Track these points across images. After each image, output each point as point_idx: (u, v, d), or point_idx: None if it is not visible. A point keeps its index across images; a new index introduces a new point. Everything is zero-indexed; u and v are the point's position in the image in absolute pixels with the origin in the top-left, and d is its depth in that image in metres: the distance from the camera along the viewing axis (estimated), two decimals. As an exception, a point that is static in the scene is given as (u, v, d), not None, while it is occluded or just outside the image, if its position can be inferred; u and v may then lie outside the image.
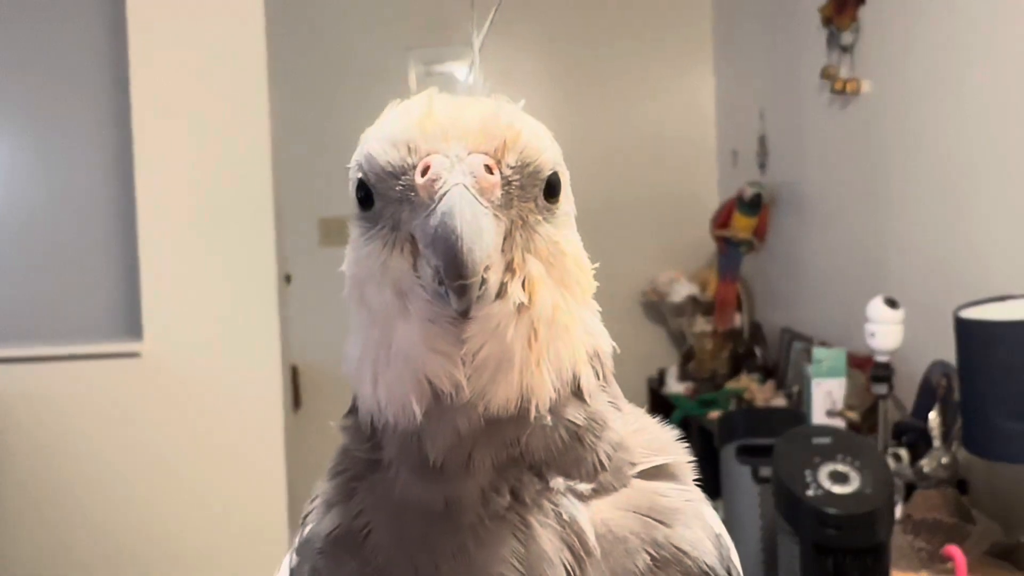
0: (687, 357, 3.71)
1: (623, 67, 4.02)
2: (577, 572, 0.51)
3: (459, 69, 3.98)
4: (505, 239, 0.48)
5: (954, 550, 1.46)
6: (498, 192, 0.47)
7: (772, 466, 1.49)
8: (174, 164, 2.82)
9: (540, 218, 0.50)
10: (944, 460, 1.84)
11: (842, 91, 2.66)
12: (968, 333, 1.56)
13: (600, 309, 0.56)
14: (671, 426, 0.60)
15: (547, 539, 0.51)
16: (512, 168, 0.48)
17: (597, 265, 0.56)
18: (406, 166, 0.47)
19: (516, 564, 0.50)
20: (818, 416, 2.20)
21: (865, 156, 2.63)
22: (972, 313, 1.59)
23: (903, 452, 1.95)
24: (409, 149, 0.48)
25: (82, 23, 3.03)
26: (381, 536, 0.52)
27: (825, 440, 1.46)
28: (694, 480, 0.59)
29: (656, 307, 4.02)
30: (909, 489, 1.84)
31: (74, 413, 2.85)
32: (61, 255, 3.08)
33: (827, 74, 2.73)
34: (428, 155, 0.47)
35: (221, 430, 2.85)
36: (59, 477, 2.85)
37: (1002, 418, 1.47)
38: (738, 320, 3.66)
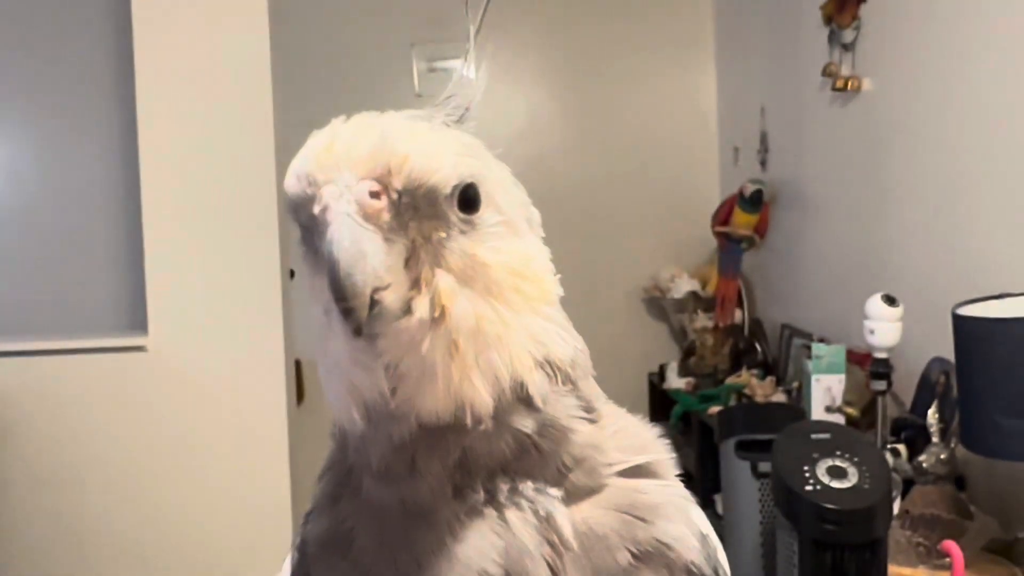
0: (688, 353, 3.73)
1: (624, 64, 4.03)
2: (558, 566, 0.52)
3: (461, 65, 3.98)
4: (409, 258, 0.49)
5: (952, 546, 1.47)
6: (386, 216, 0.49)
7: (771, 461, 1.51)
8: (179, 159, 2.83)
9: (452, 233, 0.51)
10: (942, 456, 1.86)
11: (843, 89, 2.67)
12: (966, 330, 1.57)
13: (601, 307, 0.57)
14: (654, 424, 0.61)
15: (526, 533, 0.52)
16: (400, 191, 0.49)
17: (559, 276, 0.57)
18: (308, 197, 0.50)
19: (496, 558, 0.51)
20: (817, 412, 2.21)
21: (865, 154, 2.64)
22: (970, 310, 1.60)
23: (901, 448, 1.97)
24: (309, 181, 0.50)
25: (88, 18, 3.04)
26: (364, 538, 0.54)
27: (824, 436, 1.48)
28: (678, 477, 0.59)
29: (657, 303, 4.03)
30: (907, 485, 1.86)
31: (80, 407, 2.86)
32: (67, 249, 3.09)
33: (828, 72, 2.74)
34: (323, 185, 0.49)
35: (225, 423, 2.87)
36: (65, 470, 2.87)
37: (1000, 415, 1.49)
38: (738, 316, 3.68)
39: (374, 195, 0.49)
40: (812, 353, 2.30)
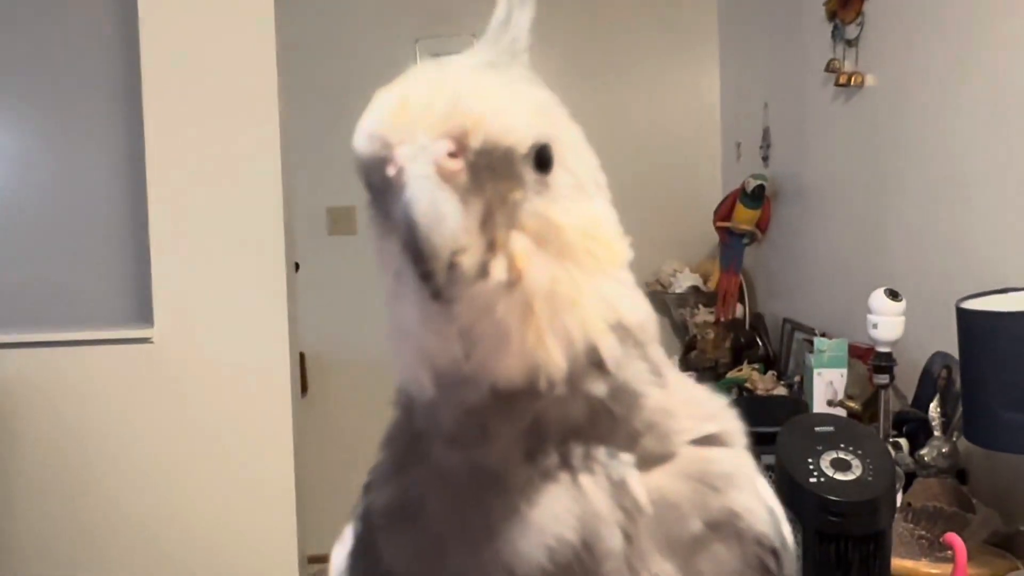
0: (689, 347, 3.74)
1: (627, 59, 4.04)
2: (631, 532, 0.51)
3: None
4: (484, 219, 0.48)
5: (954, 538, 1.48)
6: (463, 176, 0.47)
7: (775, 454, 1.52)
8: (185, 152, 2.84)
9: (528, 194, 0.50)
10: (944, 450, 1.87)
11: (846, 84, 2.68)
12: (969, 324, 1.58)
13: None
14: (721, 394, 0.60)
15: (600, 499, 0.51)
16: (478, 152, 0.48)
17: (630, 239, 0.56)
18: (380, 159, 0.48)
19: (572, 522, 0.50)
20: (819, 406, 2.23)
21: (868, 149, 2.65)
22: (974, 304, 1.61)
23: (903, 442, 1.98)
24: (382, 142, 0.48)
25: (94, 11, 3.05)
26: (434, 504, 0.53)
27: (828, 429, 1.48)
28: (746, 448, 0.58)
29: (659, 297, 4.04)
30: (909, 478, 1.87)
31: (85, 398, 2.88)
32: (73, 241, 3.10)
33: (831, 67, 2.75)
34: (398, 146, 0.47)
35: (230, 415, 2.89)
36: (69, 461, 2.88)
37: (1003, 408, 1.50)
38: (740, 311, 3.69)
39: (451, 156, 0.47)
40: (814, 347, 2.31)
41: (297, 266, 3.13)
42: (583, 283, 0.51)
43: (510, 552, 0.50)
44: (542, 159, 0.51)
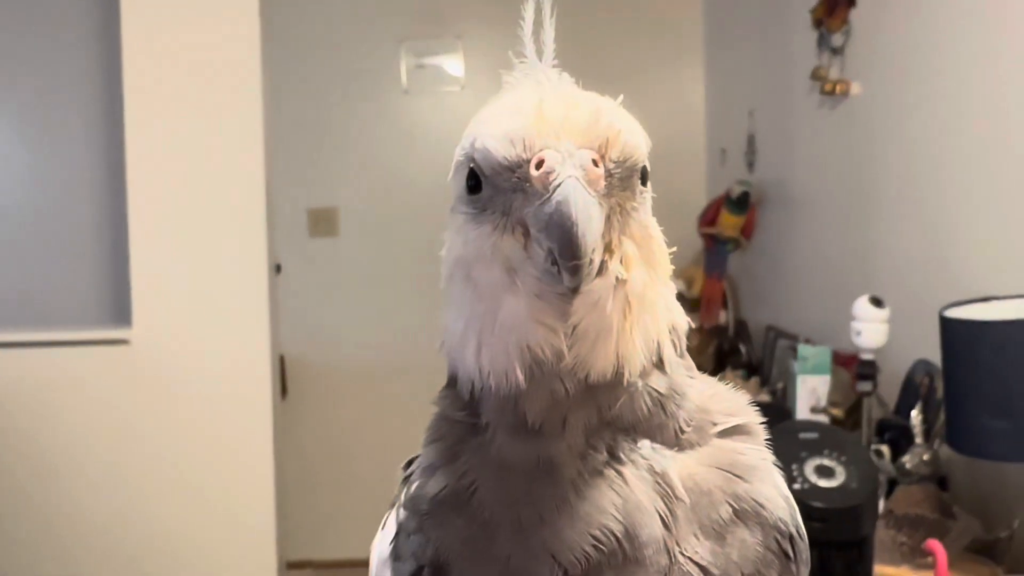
0: (672, 353, 3.74)
1: (613, 64, 4.04)
2: (670, 520, 0.57)
3: (449, 62, 3.99)
4: (606, 223, 0.53)
5: (935, 545, 1.49)
6: (602, 183, 0.53)
7: (759, 460, 1.51)
8: (165, 152, 2.82)
9: (637, 205, 0.57)
10: (926, 457, 1.88)
11: (832, 92, 2.68)
12: (952, 332, 1.59)
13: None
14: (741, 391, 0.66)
15: (642, 490, 0.56)
16: (614, 162, 0.54)
17: (675, 249, 0.61)
18: (521, 160, 0.53)
19: (615, 513, 0.55)
20: (802, 412, 2.23)
21: (853, 157, 2.66)
22: (956, 313, 1.62)
23: (885, 449, 1.99)
24: (524, 145, 0.53)
25: (75, 7, 3.02)
26: (486, 494, 0.57)
27: (812, 435, 1.49)
28: (766, 440, 0.64)
29: (642, 303, 4.04)
30: (891, 485, 1.87)
31: (62, 399, 2.84)
32: (51, 241, 3.07)
33: (817, 75, 2.76)
34: (541, 150, 0.53)
35: (210, 418, 2.86)
36: (45, 463, 2.85)
37: (984, 416, 1.51)
38: (723, 317, 3.69)
39: (594, 163, 0.53)
40: (798, 354, 2.31)
41: (279, 268, 3.10)
42: (660, 288, 0.57)
43: (557, 540, 0.55)
44: (644, 175, 0.58)
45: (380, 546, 0.64)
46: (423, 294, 3.46)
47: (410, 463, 0.65)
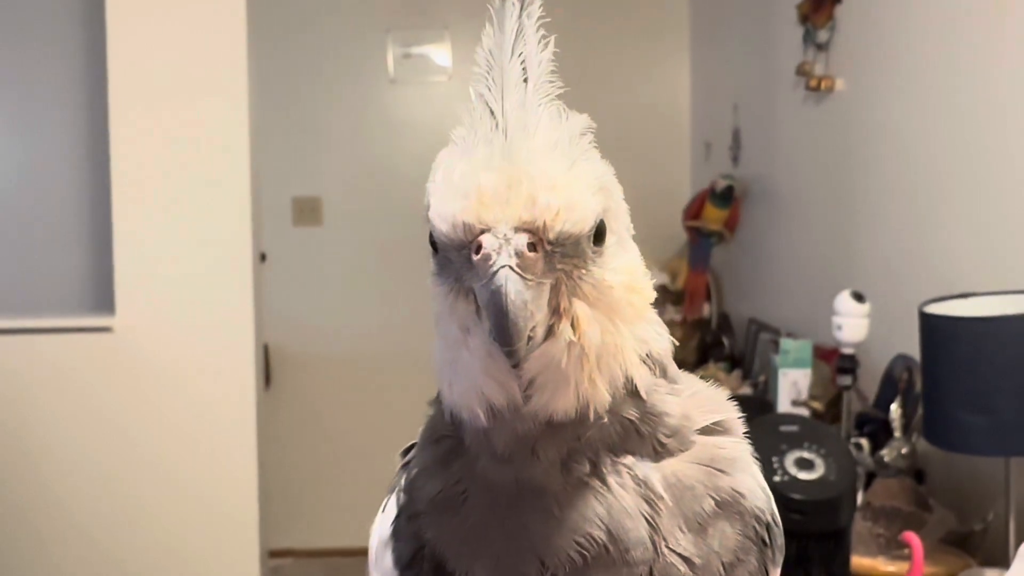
0: (656, 345, 3.76)
1: (598, 58, 4.04)
2: (655, 520, 0.60)
3: (436, 51, 3.98)
4: (553, 292, 0.55)
5: (911, 537, 1.51)
6: (540, 265, 0.54)
7: (740, 452, 1.53)
8: (150, 139, 2.80)
9: (588, 265, 0.57)
10: (903, 451, 1.90)
11: (816, 88, 2.70)
12: (932, 328, 1.61)
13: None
14: (720, 388, 0.69)
15: (626, 497, 0.59)
16: (551, 243, 0.55)
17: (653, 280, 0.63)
18: (463, 243, 0.55)
19: (599, 521, 0.59)
20: (783, 406, 2.25)
21: (837, 153, 2.68)
22: (936, 309, 1.64)
23: (864, 442, 2.01)
24: (465, 228, 0.55)
25: (59, -4, 2.99)
26: (475, 501, 0.61)
27: (792, 428, 1.51)
28: (744, 434, 0.67)
29: (626, 295, 4.06)
30: (869, 478, 1.90)
31: (44, 387, 2.83)
32: (35, 228, 3.05)
33: (802, 71, 2.77)
34: (481, 233, 0.54)
35: (193, 407, 2.85)
36: (26, 451, 2.83)
37: (962, 411, 1.53)
38: (706, 310, 3.72)
39: (530, 246, 0.54)
40: (780, 348, 2.33)
41: (264, 256, 3.10)
42: (624, 330, 0.59)
43: (543, 546, 0.59)
44: (599, 233, 0.58)
45: (380, 528, 0.67)
46: (406, 284, 3.46)
47: (407, 451, 0.68)
